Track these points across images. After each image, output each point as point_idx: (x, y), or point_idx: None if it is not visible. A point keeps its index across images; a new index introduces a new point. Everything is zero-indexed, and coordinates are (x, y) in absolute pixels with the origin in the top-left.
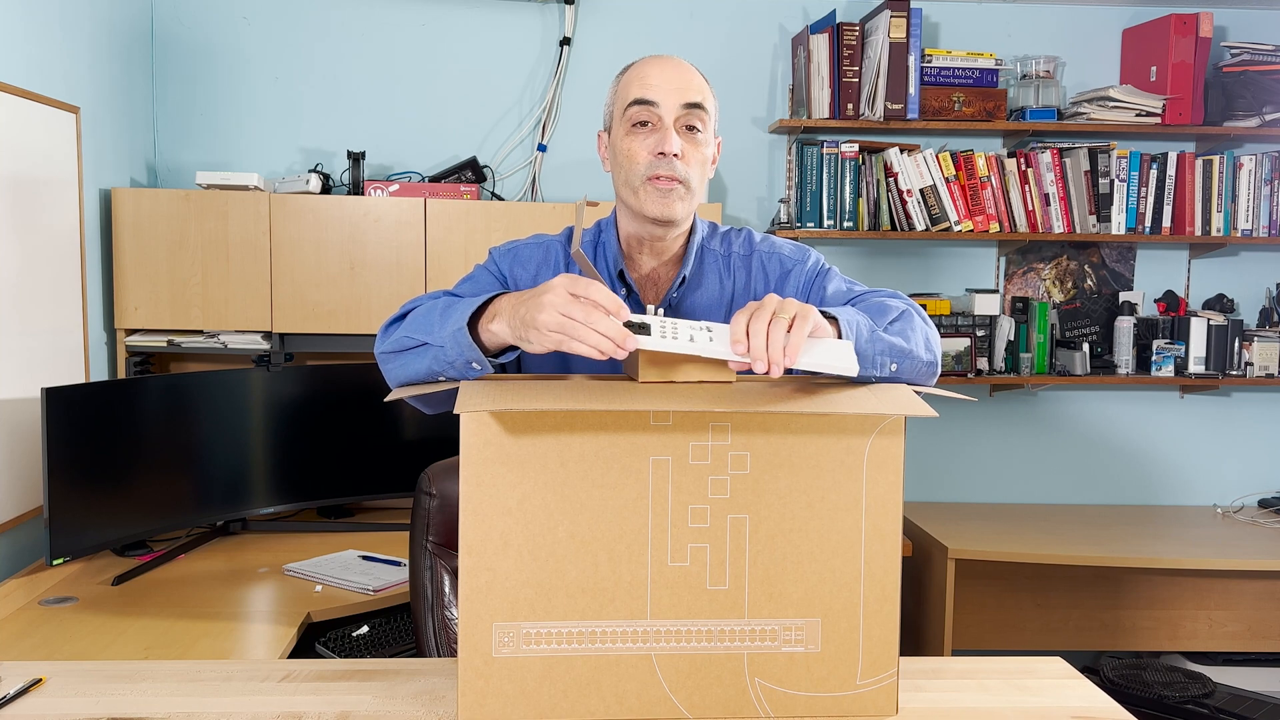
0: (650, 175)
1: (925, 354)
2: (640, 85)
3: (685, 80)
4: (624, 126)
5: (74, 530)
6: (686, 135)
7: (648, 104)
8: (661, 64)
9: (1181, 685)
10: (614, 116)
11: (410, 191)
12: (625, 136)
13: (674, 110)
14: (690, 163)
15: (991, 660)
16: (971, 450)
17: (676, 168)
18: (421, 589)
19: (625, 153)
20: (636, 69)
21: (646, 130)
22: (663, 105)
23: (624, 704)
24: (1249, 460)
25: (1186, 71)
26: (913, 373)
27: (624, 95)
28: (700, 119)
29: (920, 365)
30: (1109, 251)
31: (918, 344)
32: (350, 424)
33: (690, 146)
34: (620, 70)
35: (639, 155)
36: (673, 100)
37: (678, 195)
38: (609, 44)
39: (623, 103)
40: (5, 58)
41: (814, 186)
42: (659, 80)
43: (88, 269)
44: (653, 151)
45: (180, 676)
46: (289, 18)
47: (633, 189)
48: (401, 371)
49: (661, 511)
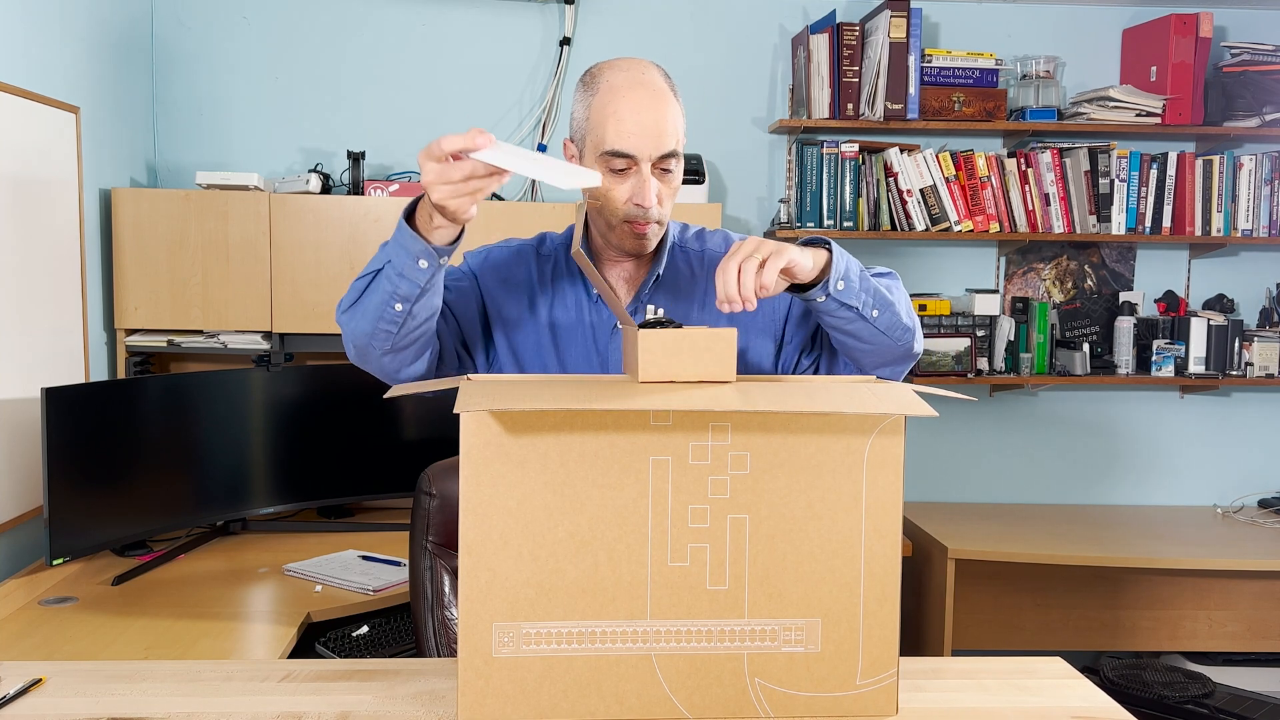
0: (628, 219)
1: (905, 318)
2: (616, 132)
3: (660, 126)
4: (599, 164)
5: (74, 530)
6: (660, 176)
7: (624, 155)
8: (637, 105)
9: (1181, 685)
10: (585, 142)
11: (410, 191)
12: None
13: (650, 160)
14: (665, 201)
15: (991, 660)
16: (971, 450)
17: (652, 214)
18: (421, 589)
19: (602, 192)
20: (612, 103)
21: (622, 175)
22: (640, 156)
23: (624, 704)
24: (1249, 460)
25: (1186, 71)
26: (890, 326)
27: (598, 133)
28: (675, 159)
29: (898, 324)
30: (1109, 251)
31: (900, 303)
32: (350, 424)
33: (664, 186)
34: (590, 79)
35: (617, 198)
36: (649, 151)
37: (653, 234)
38: (609, 44)
39: (596, 141)
40: (5, 58)
41: (814, 186)
42: (635, 128)
43: (88, 269)
44: (628, 200)
45: (180, 676)
46: (289, 18)
47: (609, 224)
48: (360, 319)
49: (661, 511)
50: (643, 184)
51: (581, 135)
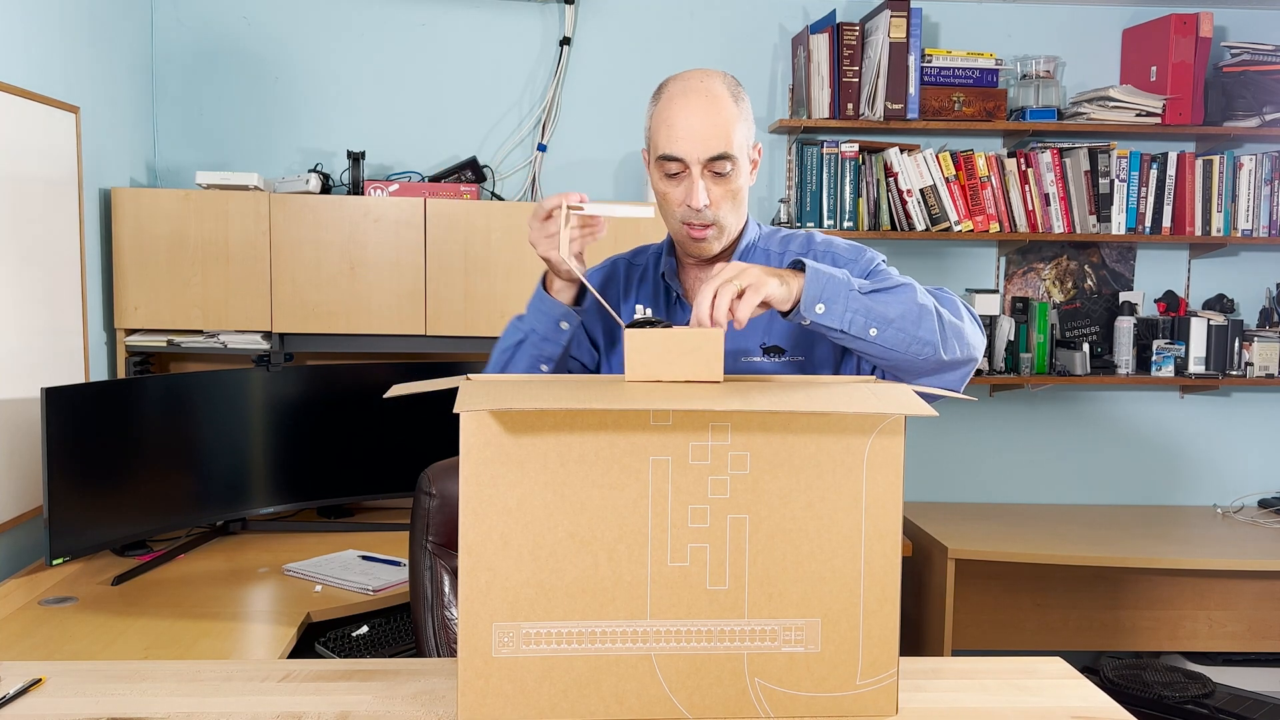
0: (684, 221)
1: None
2: (668, 137)
3: (710, 129)
4: (657, 169)
5: (74, 530)
6: (714, 180)
7: (674, 159)
8: (688, 109)
9: (1181, 685)
10: (650, 147)
11: (410, 191)
12: (660, 179)
13: (699, 164)
14: (720, 205)
15: (991, 660)
16: (971, 450)
17: (705, 216)
18: (421, 589)
19: (660, 193)
20: (666, 113)
21: (676, 179)
22: (689, 159)
23: (624, 704)
24: (1249, 460)
25: (1186, 71)
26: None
27: (655, 141)
28: (728, 162)
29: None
30: (1109, 251)
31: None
32: (350, 424)
33: (719, 189)
34: (658, 90)
35: (673, 200)
36: (697, 154)
37: (711, 237)
38: (609, 44)
39: (654, 147)
40: (5, 58)
41: (814, 186)
42: (685, 132)
43: (88, 269)
44: (682, 202)
45: (180, 676)
46: (289, 18)
47: (673, 229)
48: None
49: (661, 511)
50: (691, 185)
51: (647, 143)
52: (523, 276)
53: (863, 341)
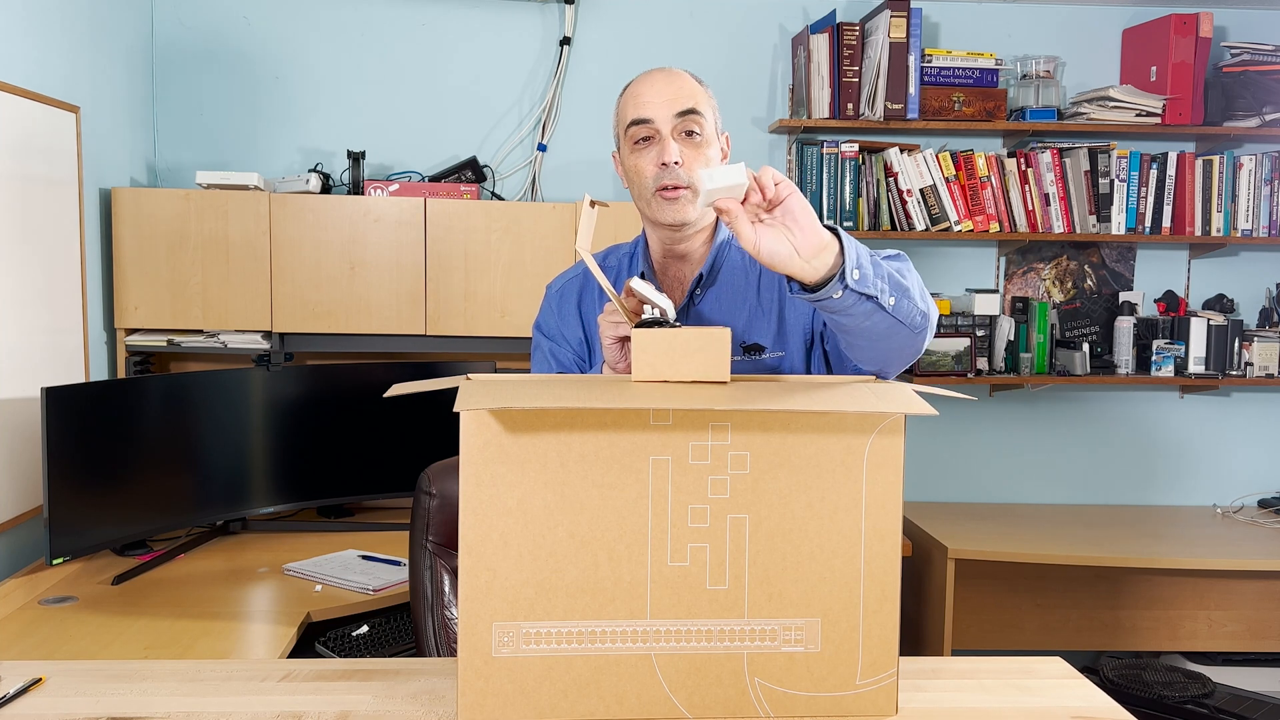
0: (658, 187)
1: (920, 302)
2: (634, 105)
3: (675, 89)
4: (628, 146)
5: (74, 530)
6: (685, 141)
7: (643, 121)
8: (651, 79)
9: (1181, 685)
10: (619, 138)
11: (410, 191)
12: (631, 155)
13: (668, 121)
14: (692, 166)
15: (991, 660)
16: (971, 450)
17: (679, 175)
18: (421, 589)
19: (633, 170)
20: (630, 90)
21: (647, 145)
22: (657, 118)
23: (624, 704)
24: (1249, 460)
25: (1186, 71)
26: (908, 313)
27: (623, 117)
28: (696, 123)
29: (915, 309)
30: (1109, 251)
31: (914, 286)
32: (350, 424)
33: (691, 150)
34: (620, 92)
35: (645, 170)
36: (665, 111)
37: (685, 199)
38: (609, 44)
39: (623, 124)
40: (5, 58)
41: (814, 186)
42: (650, 95)
43: (88, 269)
44: (656, 164)
45: (180, 676)
46: (289, 18)
47: (646, 202)
48: None
49: (661, 511)
50: (663, 145)
51: (616, 137)
52: (522, 277)
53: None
